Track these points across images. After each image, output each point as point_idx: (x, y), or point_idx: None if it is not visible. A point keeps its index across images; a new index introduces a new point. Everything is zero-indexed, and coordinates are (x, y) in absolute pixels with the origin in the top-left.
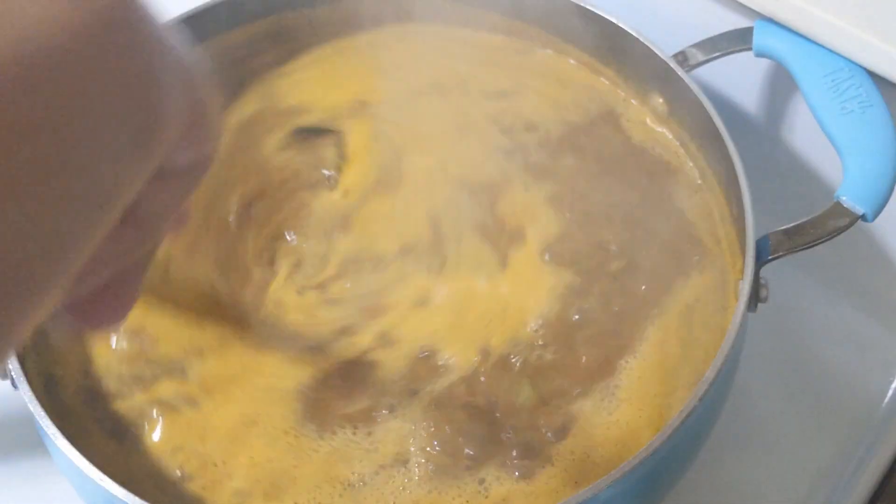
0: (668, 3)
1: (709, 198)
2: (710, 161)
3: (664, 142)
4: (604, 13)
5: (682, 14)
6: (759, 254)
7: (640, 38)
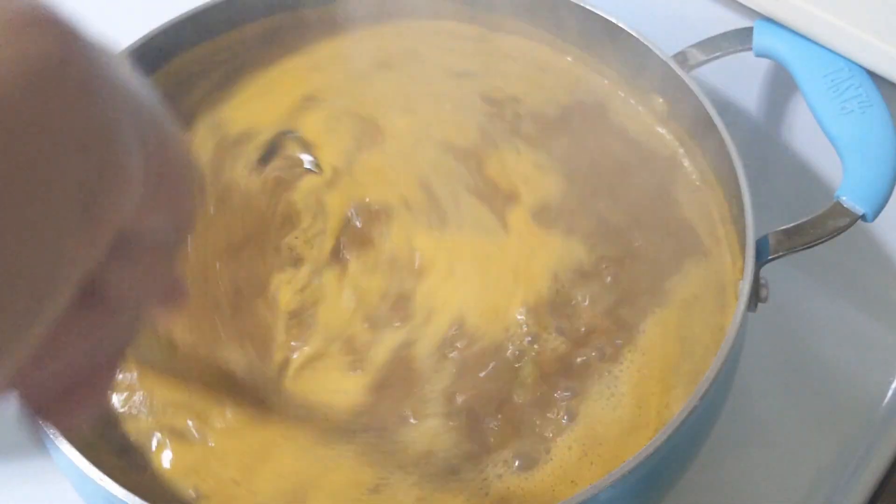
0: (668, 3)
1: (709, 197)
2: (710, 161)
3: (664, 141)
4: (604, 13)
5: (682, 14)
6: (759, 254)
7: (640, 38)
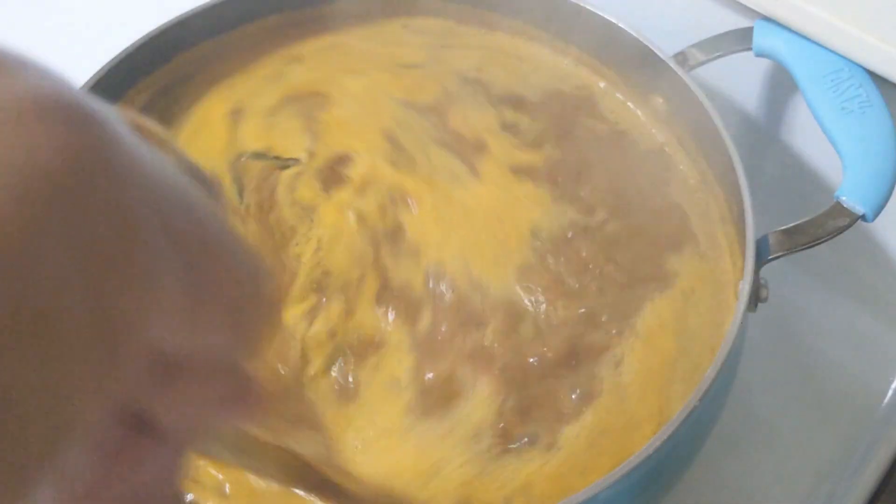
0: (668, 3)
1: (708, 198)
2: (710, 161)
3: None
4: (604, 13)
5: (682, 14)
6: (759, 254)
7: (640, 38)
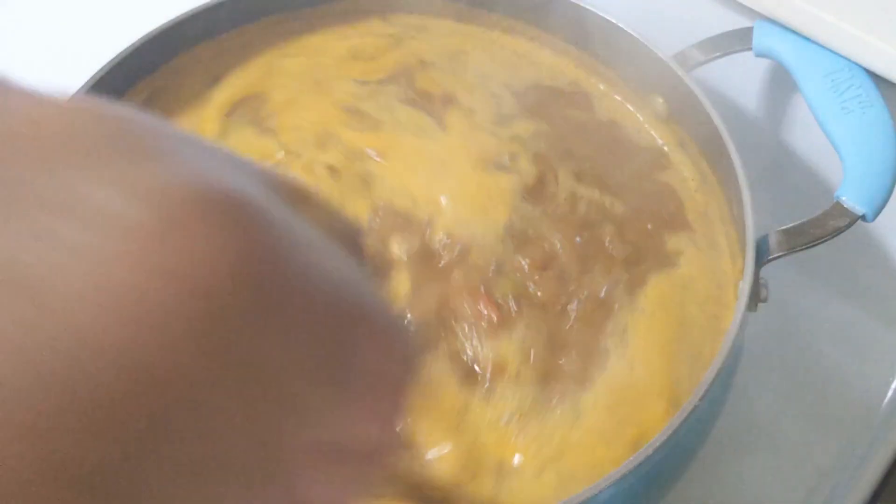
0: (668, 3)
1: (709, 198)
2: (710, 161)
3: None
4: (604, 13)
5: (682, 14)
6: (759, 254)
7: (640, 38)
